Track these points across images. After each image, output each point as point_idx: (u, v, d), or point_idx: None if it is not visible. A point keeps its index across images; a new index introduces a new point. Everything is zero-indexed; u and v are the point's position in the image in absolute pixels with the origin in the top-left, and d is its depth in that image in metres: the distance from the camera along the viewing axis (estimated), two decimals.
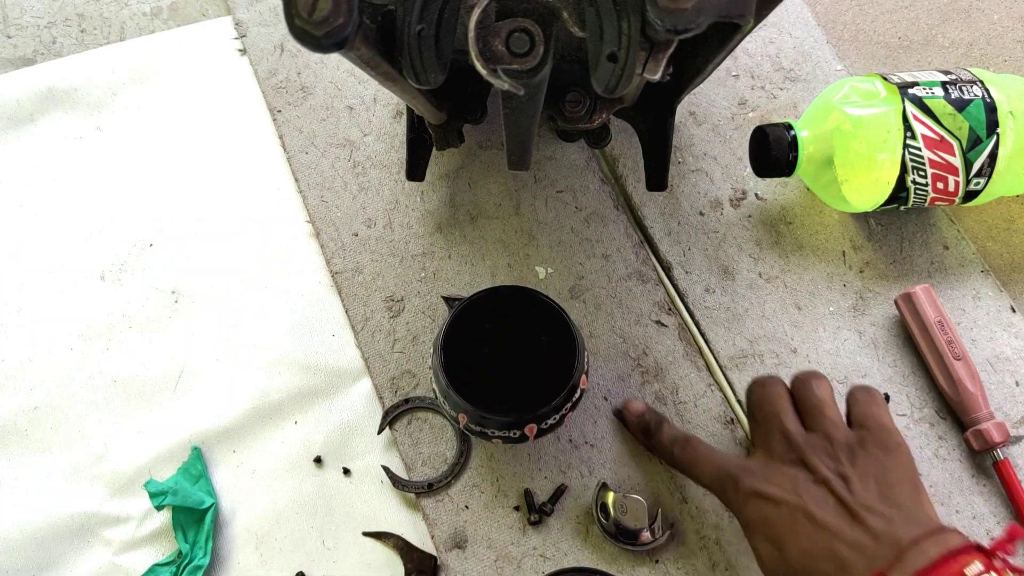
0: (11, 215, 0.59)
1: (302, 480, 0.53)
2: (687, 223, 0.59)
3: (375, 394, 0.55)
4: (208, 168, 0.61)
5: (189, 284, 0.57)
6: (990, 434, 0.51)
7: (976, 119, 0.51)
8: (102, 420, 0.54)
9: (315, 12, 0.29)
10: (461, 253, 0.58)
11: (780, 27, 0.65)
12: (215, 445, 0.53)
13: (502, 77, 0.35)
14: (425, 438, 0.53)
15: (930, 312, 0.54)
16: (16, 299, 0.56)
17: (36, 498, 0.52)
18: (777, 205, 0.60)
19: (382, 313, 0.56)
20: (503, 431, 0.46)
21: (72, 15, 0.65)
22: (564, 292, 0.57)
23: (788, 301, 0.57)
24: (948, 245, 0.58)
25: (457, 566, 0.50)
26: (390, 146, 0.61)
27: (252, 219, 0.59)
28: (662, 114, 0.52)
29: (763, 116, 0.62)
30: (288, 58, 0.63)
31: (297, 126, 0.61)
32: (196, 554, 0.50)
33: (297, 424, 0.54)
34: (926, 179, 0.52)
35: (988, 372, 0.55)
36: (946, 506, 0.52)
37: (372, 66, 0.34)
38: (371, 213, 0.59)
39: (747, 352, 0.55)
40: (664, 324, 0.56)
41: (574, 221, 0.59)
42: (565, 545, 0.51)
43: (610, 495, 0.50)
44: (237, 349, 0.56)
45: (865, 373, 0.55)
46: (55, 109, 0.62)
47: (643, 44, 0.32)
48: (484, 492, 0.52)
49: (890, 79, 0.53)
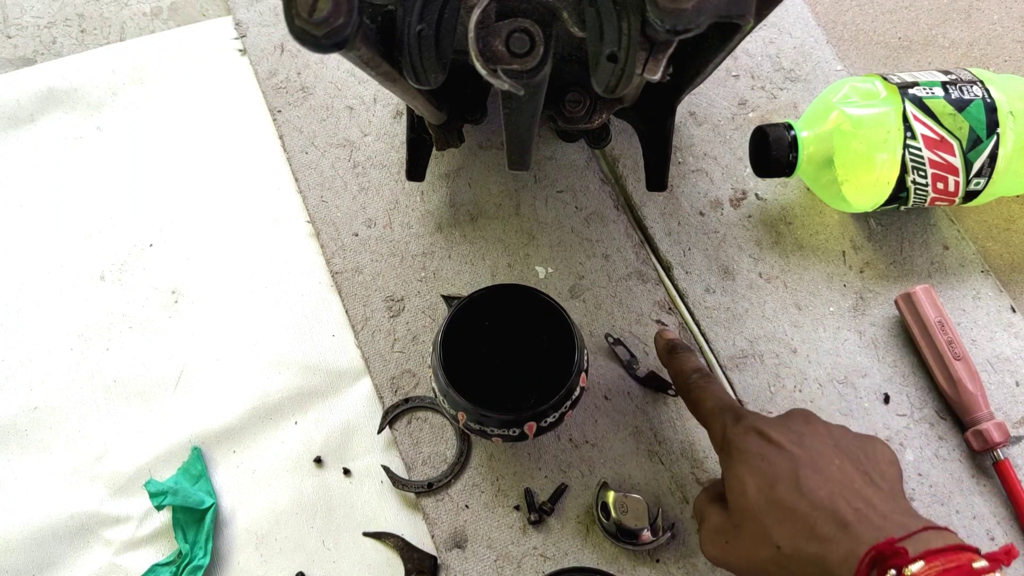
0: (11, 215, 0.59)
1: (302, 480, 0.53)
2: (687, 223, 0.59)
3: (375, 394, 0.55)
4: (208, 168, 0.61)
5: (189, 284, 0.57)
6: (990, 434, 0.51)
7: (976, 119, 0.51)
8: (102, 420, 0.54)
9: (315, 12, 0.29)
10: (461, 253, 0.58)
11: (780, 27, 0.65)
12: (215, 445, 0.53)
13: (502, 77, 0.35)
14: (425, 438, 0.53)
15: (930, 312, 0.54)
16: (16, 299, 0.56)
17: (36, 498, 0.52)
18: (777, 205, 0.60)
19: (382, 313, 0.56)
20: (502, 429, 0.46)
21: (72, 15, 0.65)
22: (564, 292, 0.57)
23: (788, 301, 0.57)
24: (948, 245, 0.58)
25: (457, 566, 0.50)
26: (390, 146, 0.61)
27: (252, 219, 0.59)
28: (662, 114, 0.52)
29: (763, 116, 0.62)
30: (288, 58, 0.63)
31: (297, 126, 0.61)
32: (196, 554, 0.50)
33: (297, 424, 0.54)
34: (926, 179, 0.52)
35: (988, 372, 0.55)
36: (946, 506, 0.52)
37: (372, 66, 0.34)
38: (371, 213, 0.59)
39: (747, 352, 0.55)
40: (664, 324, 0.56)
41: (574, 221, 0.59)
42: (565, 545, 0.51)
43: (611, 494, 0.50)
44: (237, 349, 0.56)
45: (865, 373, 0.55)
46: (55, 109, 0.62)
47: (643, 44, 0.32)
48: (484, 492, 0.52)
49: (890, 79, 0.53)
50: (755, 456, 0.40)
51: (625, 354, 0.55)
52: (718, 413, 0.44)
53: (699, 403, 0.46)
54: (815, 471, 0.39)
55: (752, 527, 0.39)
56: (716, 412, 0.44)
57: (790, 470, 0.39)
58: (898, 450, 0.53)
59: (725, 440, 0.42)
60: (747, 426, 0.42)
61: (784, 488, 0.38)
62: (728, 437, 0.42)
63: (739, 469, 0.40)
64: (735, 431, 0.42)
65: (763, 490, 0.39)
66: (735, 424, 0.42)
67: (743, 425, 0.42)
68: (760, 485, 0.39)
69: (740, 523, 0.40)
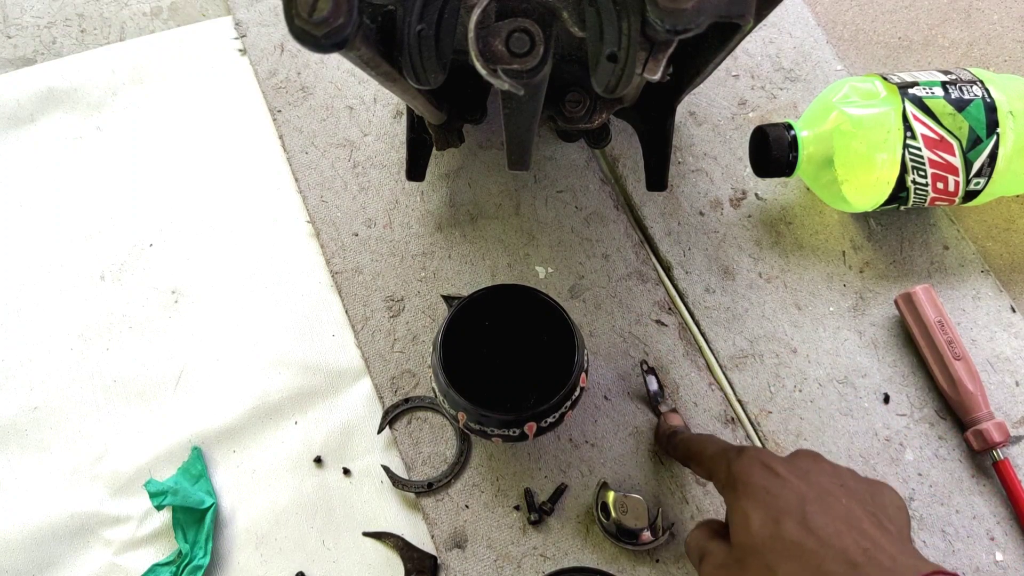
0: (11, 215, 0.59)
1: (302, 480, 0.53)
2: (687, 223, 0.59)
3: (375, 394, 0.55)
4: (208, 168, 0.61)
5: (189, 284, 0.57)
6: (990, 434, 0.51)
7: (976, 119, 0.51)
8: (102, 420, 0.54)
9: (315, 12, 0.29)
10: (461, 253, 0.58)
11: (780, 27, 0.65)
12: (215, 445, 0.53)
13: (502, 77, 0.35)
14: (425, 438, 0.53)
15: (930, 312, 0.54)
16: (16, 299, 0.56)
17: (36, 498, 0.52)
18: (777, 205, 0.60)
19: (382, 313, 0.56)
20: (503, 429, 0.46)
21: (72, 15, 0.65)
22: (564, 292, 0.57)
23: (788, 301, 0.57)
24: (948, 245, 0.58)
25: (457, 566, 0.50)
26: (390, 146, 0.61)
27: (252, 219, 0.59)
28: (662, 114, 0.52)
29: (763, 116, 0.62)
30: (288, 58, 0.63)
31: (297, 126, 0.61)
32: (196, 554, 0.50)
33: (297, 424, 0.54)
34: (926, 179, 0.52)
35: (988, 372, 0.55)
36: (946, 506, 0.52)
37: (372, 66, 0.34)
38: (371, 213, 0.59)
39: (747, 352, 0.55)
40: (664, 324, 0.56)
41: (574, 221, 0.59)
42: (565, 545, 0.51)
43: (610, 494, 0.50)
44: (237, 349, 0.56)
45: (865, 373, 0.55)
46: (55, 109, 0.62)
47: (643, 44, 0.32)
48: (484, 492, 0.52)
49: (890, 79, 0.53)
50: (760, 489, 0.39)
51: (653, 384, 0.53)
52: (721, 454, 0.42)
53: (701, 452, 0.44)
54: (822, 508, 0.37)
55: (756, 563, 0.37)
56: (719, 453, 0.43)
57: (797, 505, 0.37)
58: (898, 450, 0.53)
59: (729, 475, 0.41)
60: (752, 458, 0.40)
61: (790, 523, 0.37)
62: (733, 471, 0.41)
63: (744, 503, 0.39)
64: (739, 464, 0.40)
65: (768, 525, 0.37)
66: (739, 457, 0.41)
67: (747, 457, 0.40)
68: (765, 519, 0.37)
69: (743, 558, 0.38)
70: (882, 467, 0.52)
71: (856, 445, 0.53)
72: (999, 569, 0.50)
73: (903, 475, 0.52)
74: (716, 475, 0.42)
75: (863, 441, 0.53)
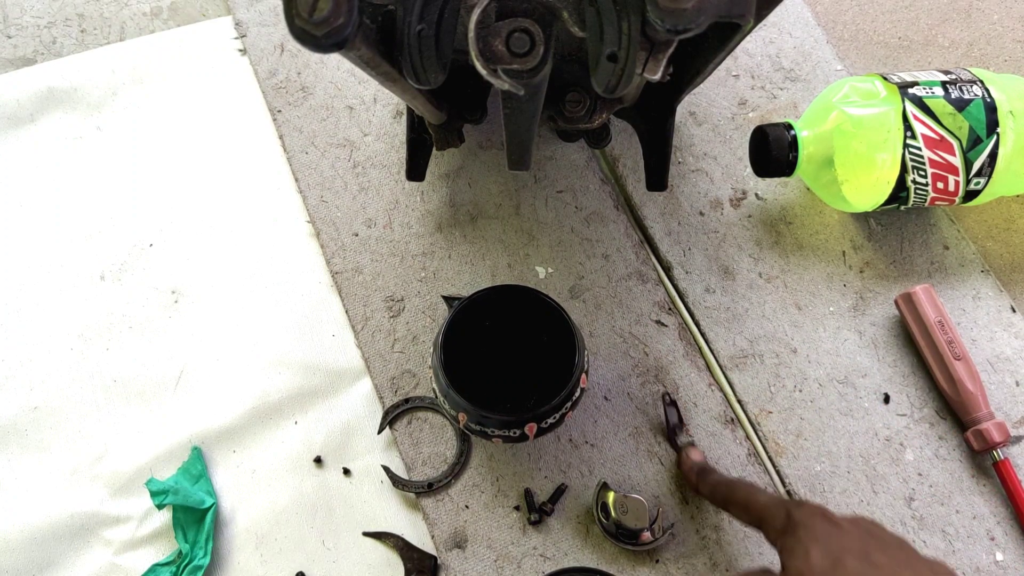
0: (11, 215, 0.59)
1: (302, 480, 0.53)
2: (687, 223, 0.59)
3: (375, 394, 0.55)
4: (208, 168, 0.61)
5: (189, 284, 0.57)
6: (990, 434, 0.51)
7: (976, 119, 0.51)
8: (102, 420, 0.54)
9: (315, 12, 0.29)
10: (461, 253, 0.58)
11: (780, 27, 0.65)
12: (215, 445, 0.53)
13: (502, 77, 0.35)
14: (425, 438, 0.53)
15: (930, 312, 0.54)
16: (16, 299, 0.56)
17: (36, 498, 0.52)
18: (777, 205, 0.60)
19: (382, 313, 0.56)
20: (503, 430, 0.46)
21: (72, 15, 0.65)
22: (564, 292, 0.57)
23: (788, 301, 0.57)
24: (948, 245, 0.58)
25: (457, 566, 0.50)
26: (390, 146, 0.61)
27: (252, 219, 0.59)
28: (662, 114, 0.52)
29: (763, 116, 0.62)
30: (288, 58, 0.63)
31: (297, 126, 0.61)
32: (196, 554, 0.50)
33: (297, 424, 0.54)
34: (926, 179, 0.52)
35: (988, 372, 0.55)
36: (946, 506, 0.52)
37: (372, 66, 0.34)
38: (371, 213, 0.59)
39: (747, 352, 0.55)
40: (664, 324, 0.56)
41: (574, 221, 0.59)
42: (565, 545, 0.51)
43: (610, 495, 0.50)
44: (237, 349, 0.56)
45: (865, 373, 0.55)
46: (55, 109, 0.62)
47: (643, 44, 0.32)
48: (484, 492, 0.52)
49: (890, 79, 0.53)
50: (823, 532, 0.39)
51: (674, 417, 0.53)
52: (778, 503, 0.43)
53: (750, 500, 0.44)
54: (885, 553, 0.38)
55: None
56: (775, 503, 0.43)
57: (860, 548, 0.38)
58: (898, 450, 0.53)
59: (790, 521, 0.41)
60: (813, 510, 0.41)
61: (852, 560, 0.37)
62: (794, 518, 0.41)
63: (806, 543, 0.39)
64: (801, 512, 0.41)
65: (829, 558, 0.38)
66: (799, 508, 0.41)
67: (809, 507, 0.41)
68: (826, 554, 0.38)
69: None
70: (882, 467, 0.52)
71: (856, 445, 0.53)
72: (999, 569, 0.50)
73: (903, 475, 0.52)
74: (770, 523, 0.42)
75: (863, 441, 0.53)
